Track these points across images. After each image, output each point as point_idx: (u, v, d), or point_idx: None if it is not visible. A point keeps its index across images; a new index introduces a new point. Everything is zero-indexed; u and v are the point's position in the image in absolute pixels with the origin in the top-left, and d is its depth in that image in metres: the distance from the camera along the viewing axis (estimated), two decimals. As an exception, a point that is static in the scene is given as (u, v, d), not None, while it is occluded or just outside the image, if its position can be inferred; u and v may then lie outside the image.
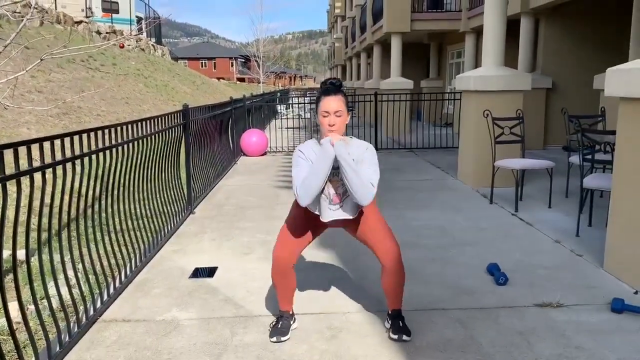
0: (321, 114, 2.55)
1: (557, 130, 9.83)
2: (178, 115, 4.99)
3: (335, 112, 2.52)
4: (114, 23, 21.96)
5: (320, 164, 2.47)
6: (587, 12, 9.65)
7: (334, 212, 2.62)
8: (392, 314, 2.77)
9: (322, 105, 2.54)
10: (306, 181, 2.48)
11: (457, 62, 15.49)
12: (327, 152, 2.47)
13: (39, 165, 2.41)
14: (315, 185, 2.47)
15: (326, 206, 2.61)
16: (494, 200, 5.76)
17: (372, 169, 2.55)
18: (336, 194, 2.60)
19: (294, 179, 2.55)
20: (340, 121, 2.54)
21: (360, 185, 2.45)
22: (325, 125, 2.53)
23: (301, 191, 2.49)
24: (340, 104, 2.53)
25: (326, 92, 2.57)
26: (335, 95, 2.54)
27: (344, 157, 2.46)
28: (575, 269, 3.71)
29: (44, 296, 2.62)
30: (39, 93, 10.32)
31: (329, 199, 2.61)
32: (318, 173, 2.47)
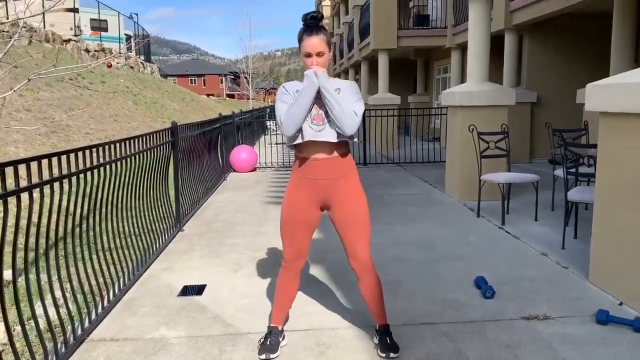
0: (303, 54, 2.60)
1: (542, 144, 9.95)
2: (167, 132, 5.01)
3: (318, 52, 2.57)
4: (103, 41, 22.01)
5: (304, 94, 2.52)
6: (569, 28, 9.84)
7: (316, 133, 2.57)
8: (379, 330, 2.78)
9: (304, 46, 2.58)
10: (290, 110, 2.52)
11: (443, 77, 15.67)
12: (312, 81, 2.52)
13: (26, 185, 2.41)
14: (300, 113, 2.51)
15: (308, 125, 2.57)
16: (481, 213, 5.81)
17: (355, 100, 2.57)
18: (318, 113, 2.59)
19: (278, 110, 2.58)
20: (322, 60, 2.58)
21: (342, 113, 2.49)
22: (308, 65, 2.58)
23: (285, 119, 2.53)
24: (321, 43, 2.57)
25: (307, 30, 2.59)
26: (317, 35, 2.56)
27: (326, 87, 2.51)
28: (561, 282, 3.76)
29: (31, 317, 2.60)
30: (27, 112, 10.29)
31: (311, 118, 2.58)
32: (302, 102, 2.51)
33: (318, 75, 2.53)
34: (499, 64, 10.32)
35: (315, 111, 2.58)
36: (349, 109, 2.52)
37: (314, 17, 2.61)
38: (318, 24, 2.61)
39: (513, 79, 10.35)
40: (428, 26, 14.34)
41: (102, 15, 23.62)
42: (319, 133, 2.57)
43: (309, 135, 2.57)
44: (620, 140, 3.36)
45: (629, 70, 3.56)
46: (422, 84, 17.23)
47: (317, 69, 2.55)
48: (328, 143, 2.58)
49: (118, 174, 3.66)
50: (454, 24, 13.07)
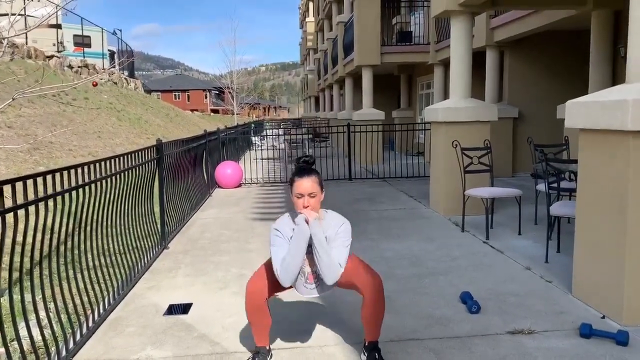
0: (295, 195, 2.63)
1: (524, 158, 10.09)
2: (152, 150, 5.00)
3: (309, 193, 2.61)
4: (86, 57, 21.92)
5: (296, 244, 2.57)
6: (549, 44, 10.06)
7: (311, 291, 2.73)
8: (368, 346, 2.79)
9: (296, 187, 2.62)
10: (285, 262, 2.56)
11: (426, 92, 15.86)
12: (303, 231, 2.57)
13: (10, 206, 2.39)
14: (295, 265, 2.58)
15: (302, 284, 2.70)
16: (465, 228, 5.87)
17: (342, 248, 2.63)
18: (311, 272, 2.68)
19: (273, 259, 2.62)
20: (314, 201, 2.63)
21: (329, 265, 2.56)
22: (299, 206, 2.63)
23: (282, 273, 2.57)
24: (313, 185, 2.62)
25: (299, 173, 2.65)
26: (309, 177, 2.62)
27: (318, 236, 2.57)
28: (545, 295, 3.80)
29: (14, 338, 2.57)
30: (8, 128, 10.19)
31: (304, 277, 2.69)
32: (295, 253, 2.57)
33: (310, 223, 2.58)
34: (481, 79, 10.48)
35: (308, 269, 2.68)
36: (335, 261, 2.59)
37: (305, 161, 2.71)
38: (310, 167, 2.69)
39: (495, 94, 10.52)
40: (411, 42, 14.54)
41: (86, 31, 23.56)
42: (312, 290, 2.73)
43: (303, 292, 2.74)
44: (599, 156, 3.44)
45: (608, 88, 3.66)
46: (406, 99, 17.41)
47: (309, 215, 2.60)
48: None
49: (103, 192, 3.64)
50: (436, 41, 13.27)
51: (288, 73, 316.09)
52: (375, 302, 2.71)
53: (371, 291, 2.69)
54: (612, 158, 3.29)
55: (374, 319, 2.75)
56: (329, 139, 19.42)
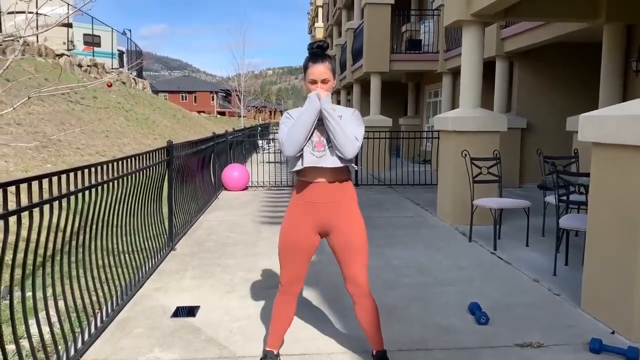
0: (308, 81, 2.63)
1: (532, 169, 10.08)
2: (162, 151, 5.01)
3: (323, 79, 2.60)
4: (96, 56, 22.04)
5: (306, 115, 2.54)
6: (559, 56, 10.05)
7: (317, 159, 2.59)
8: (376, 356, 2.78)
9: (309, 73, 2.62)
10: (292, 130, 2.54)
11: (434, 101, 15.86)
12: (314, 103, 2.54)
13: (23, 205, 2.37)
14: (301, 134, 2.52)
15: (309, 151, 2.59)
16: (472, 238, 5.85)
17: (357, 126, 2.60)
18: (320, 140, 2.60)
19: (280, 132, 2.60)
20: (327, 87, 2.62)
21: (344, 137, 2.51)
22: (312, 90, 2.61)
23: (287, 140, 2.54)
24: (326, 71, 2.61)
25: (313, 58, 2.63)
26: (322, 62, 2.61)
27: (328, 110, 2.54)
28: (553, 309, 3.79)
29: (23, 336, 2.57)
30: (18, 125, 10.24)
31: (312, 144, 2.60)
32: (303, 123, 2.53)
33: (321, 98, 2.56)
34: (489, 89, 10.48)
35: (317, 138, 2.60)
36: (351, 133, 2.55)
37: (319, 46, 2.66)
38: (324, 53, 2.66)
39: (503, 104, 10.51)
40: (420, 51, 14.55)
41: (96, 31, 23.70)
42: (320, 159, 2.59)
43: (310, 161, 2.58)
44: (613, 171, 3.42)
45: (619, 102, 3.65)
46: (413, 107, 17.42)
47: (321, 92, 2.58)
48: (329, 169, 2.61)
49: (114, 192, 3.65)
50: (445, 49, 13.28)
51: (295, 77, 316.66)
52: (365, 306, 2.71)
53: (363, 296, 2.70)
54: (627, 173, 3.27)
55: (371, 324, 2.74)
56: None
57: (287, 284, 2.75)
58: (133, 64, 18.47)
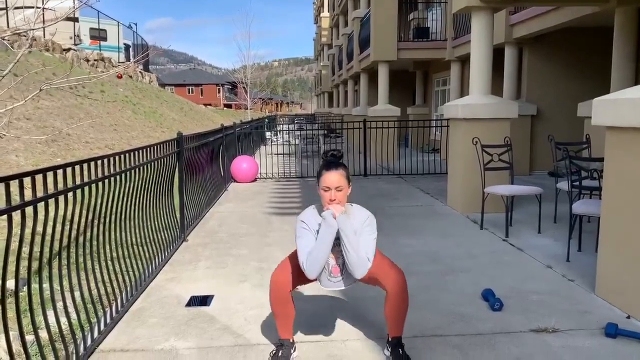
0: (322, 188, 2.63)
1: (542, 156, 10.01)
2: (173, 143, 5.02)
3: (336, 187, 2.60)
4: (102, 50, 22.07)
5: (324, 239, 2.57)
6: (569, 41, 9.94)
7: (335, 284, 2.74)
8: (392, 342, 2.78)
9: (323, 180, 2.62)
10: (311, 256, 2.57)
11: (442, 89, 15.77)
12: (331, 225, 2.56)
13: (32, 199, 2.37)
14: (321, 258, 2.58)
15: (326, 277, 2.71)
16: (484, 226, 5.83)
17: (370, 242, 2.63)
18: (336, 264, 2.68)
19: (299, 251, 2.62)
20: (341, 195, 2.62)
21: (357, 260, 2.56)
22: (326, 199, 2.62)
23: (308, 266, 2.58)
24: (340, 179, 2.61)
25: (327, 166, 2.64)
26: (337, 170, 2.62)
27: (346, 232, 2.56)
28: (567, 294, 3.77)
29: (41, 327, 2.59)
30: (27, 120, 10.30)
31: (328, 270, 2.69)
32: (322, 247, 2.56)
33: (337, 218, 2.57)
34: (498, 76, 10.40)
35: (333, 261, 2.68)
36: (364, 253, 2.58)
37: (334, 154, 2.70)
38: (338, 161, 2.68)
39: (513, 91, 10.43)
40: (428, 38, 14.45)
41: (102, 25, 23.71)
42: (336, 284, 2.74)
43: (327, 285, 2.74)
44: (627, 154, 3.39)
45: (632, 86, 3.61)
46: (421, 96, 17.33)
47: (336, 209, 2.59)
48: None
49: (125, 184, 3.66)
50: (453, 37, 13.18)
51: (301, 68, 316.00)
52: (399, 298, 2.70)
53: (395, 286, 2.68)
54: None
55: (398, 314, 2.74)
56: (342, 134, 19.39)
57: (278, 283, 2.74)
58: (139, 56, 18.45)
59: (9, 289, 3.26)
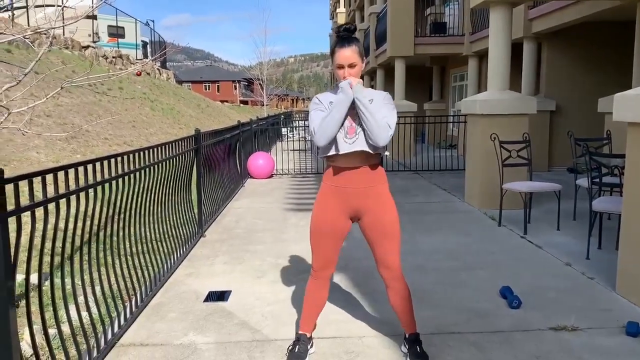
0: (336, 65, 2.60)
1: (561, 153, 9.89)
2: (191, 140, 5.06)
3: (350, 64, 2.56)
4: (120, 47, 22.28)
5: (338, 106, 2.52)
6: (589, 36, 9.79)
7: (350, 145, 2.57)
8: (409, 338, 2.78)
9: (336, 58, 2.58)
10: (324, 121, 2.53)
11: (459, 85, 15.64)
12: (346, 93, 2.52)
13: (54, 195, 2.41)
14: (333, 125, 2.52)
15: (341, 138, 2.58)
16: (502, 222, 5.79)
17: (388, 111, 2.58)
18: (351, 126, 2.58)
19: (311, 120, 2.59)
20: (355, 71, 2.58)
21: (376, 126, 2.49)
22: (340, 76, 2.59)
23: (319, 130, 2.53)
24: (353, 55, 2.56)
25: (340, 43, 2.59)
26: (349, 46, 2.56)
27: (361, 99, 2.51)
28: (587, 292, 3.73)
29: (58, 321, 2.64)
30: (47, 117, 10.44)
31: (344, 131, 2.58)
32: (336, 115, 2.52)
33: (353, 86, 2.53)
34: (517, 71, 10.28)
35: (349, 123, 2.58)
36: (383, 120, 2.52)
37: (347, 29, 2.63)
38: (351, 36, 2.62)
39: (531, 87, 10.31)
40: (445, 34, 14.33)
41: (120, 22, 23.93)
42: (352, 145, 2.57)
43: (343, 148, 2.57)
44: (649, 151, 3.34)
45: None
46: (438, 91, 17.22)
47: (353, 80, 2.55)
48: (360, 154, 2.59)
49: (144, 181, 3.70)
50: (471, 32, 13.06)
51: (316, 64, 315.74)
52: (399, 290, 2.71)
53: (393, 278, 2.70)
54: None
55: (404, 307, 2.75)
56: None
57: (319, 268, 2.76)
58: (158, 54, 18.60)
59: (32, 284, 3.33)
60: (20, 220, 2.14)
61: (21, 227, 2.16)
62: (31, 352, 2.49)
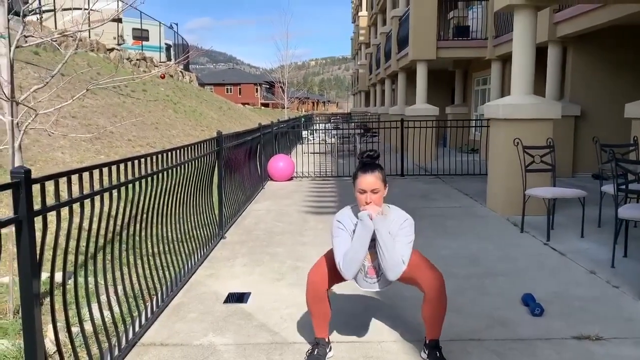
0: (357, 190, 2.63)
1: (586, 158, 9.73)
2: (213, 142, 5.11)
3: (372, 190, 2.60)
4: (144, 50, 22.60)
5: (360, 240, 2.57)
6: (616, 40, 9.62)
7: (371, 285, 2.73)
8: (429, 344, 2.76)
9: (359, 183, 2.62)
10: (347, 257, 2.58)
11: (482, 88, 15.50)
12: (367, 227, 2.56)
13: (78, 196, 2.45)
14: (357, 259, 2.59)
15: (362, 278, 2.71)
16: (524, 229, 5.71)
17: (406, 244, 2.61)
18: (371, 265, 2.67)
19: (336, 251, 2.64)
20: (376, 197, 2.61)
21: (391, 261, 2.55)
22: (362, 202, 2.62)
23: (345, 267, 2.59)
24: (376, 181, 2.60)
25: (363, 169, 2.63)
26: (372, 173, 2.61)
27: (381, 233, 2.55)
28: (612, 301, 3.65)
29: (81, 319, 2.68)
30: (73, 118, 10.64)
31: (364, 271, 2.69)
32: (358, 248, 2.57)
33: (374, 219, 2.57)
34: (541, 76, 10.14)
35: (369, 263, 2.67)
36: (398, 257, 2.57)
37: (370, 155, 2.67)
38: (374, 162, 2.66)
39: (556, 91, 10.16)
40: (468, 37, 14.21)
41: (144, 25, 24.27)
42: (373, 284, 2.72)
43: (364, 285, 2.73)
44: (678, 158, 3.26)
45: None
46: (460, 95, 17.08)
47: (372, 210, 2.58)
48: None
49: (167, 182, 3.74)
50: (494, 35, 12.94)
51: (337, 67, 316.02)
52: (437, 300, 2.67)
53: (433, 289, 2.65)
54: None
55: (436, 316, 2.72)
56: (377, 134, 19.29)
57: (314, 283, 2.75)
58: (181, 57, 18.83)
59: (57, 282, 3.38)
60: (46, 219, 2.18)
61: (47, 226, 2.21)
62: (54, 349, 2.54)
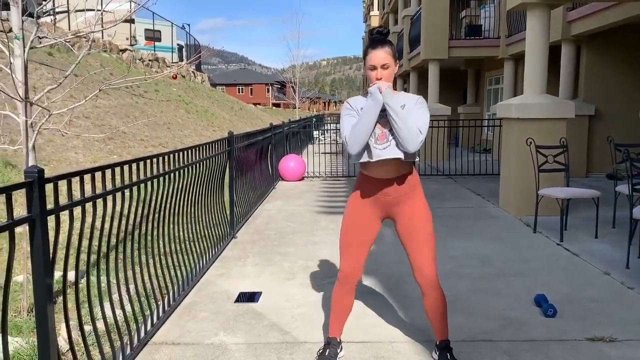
0: (368, 67, 2.57)
1: (600, 158, 9.63)
2: (224, 142, 5.12)
3: (382, 65, 2.53)
4: (156, 51, 22.72)
5: (368, 112, 2.50)
6: (630, 38, 9.50)
7: (382, 152, 2.53)
8: (440, 345, 2.74)
9: (369, 59, 2.55)
10: (355, 129, 2.50)
11: (495, 88, 15.40)
12: (376, 98, 2.49)
13: (91, 195, 2.46)
14: (364, 132, 2.49)
15: (372, 145, 2.54)
16: (537, 229, 5.66)
17: (420, 115, 2.53)
18: (382, 133, 2.54)
19: (343, 127, 2.57)
20: (387, 73, 2.54)
21: (406, 131, 2.45)
22: (372, 78, 2.55)
23: (350, 138, 2.51)
24: (386, 56, 2.53)
25: (373, 44, 2.57)
26: (382, 48, 2.53)
27: (391, 104, 2.47)
28: (627, 303, 3.61)
29: (94, 318, 2.70)
30: (86, 119, 10.73)
31: (375, 137, 2.54)
32: (366, 120, 2.49)
33: (382, 91, 2.50)
34: (554, 75, 10.05)
35: (379, 130, 2.54)
36: (413, 126, 2.47)
37: (379, 31, 2.61)
38: (384, 38, 2.60)
39: (569, 91, 10.06)
40: (480, 36, 14.13)
41: (156, 26, 24.41)
42: (384, 151, 2.53)
43: (375, 154, 2.53)
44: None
45: None
46: (473, 95, 16.98)
47: (382, 85, 2.52)
48: (393, 161, 2.55)
49: (178, 181, 3.76)
50: (507, 34, 12.84)
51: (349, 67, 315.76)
52: (434, 297, 2.66)
53: (428, 285, 2.64)
54: None
55: (437, 313, 2.70)
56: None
57: (345, 274, 2.74)
58: (193, 57, 18.92)
59: (69, 281, 3.42)
60: (59, 218, 2.20)
61: (59, 226, 2.22)
62: (67, 348, 2.56)
